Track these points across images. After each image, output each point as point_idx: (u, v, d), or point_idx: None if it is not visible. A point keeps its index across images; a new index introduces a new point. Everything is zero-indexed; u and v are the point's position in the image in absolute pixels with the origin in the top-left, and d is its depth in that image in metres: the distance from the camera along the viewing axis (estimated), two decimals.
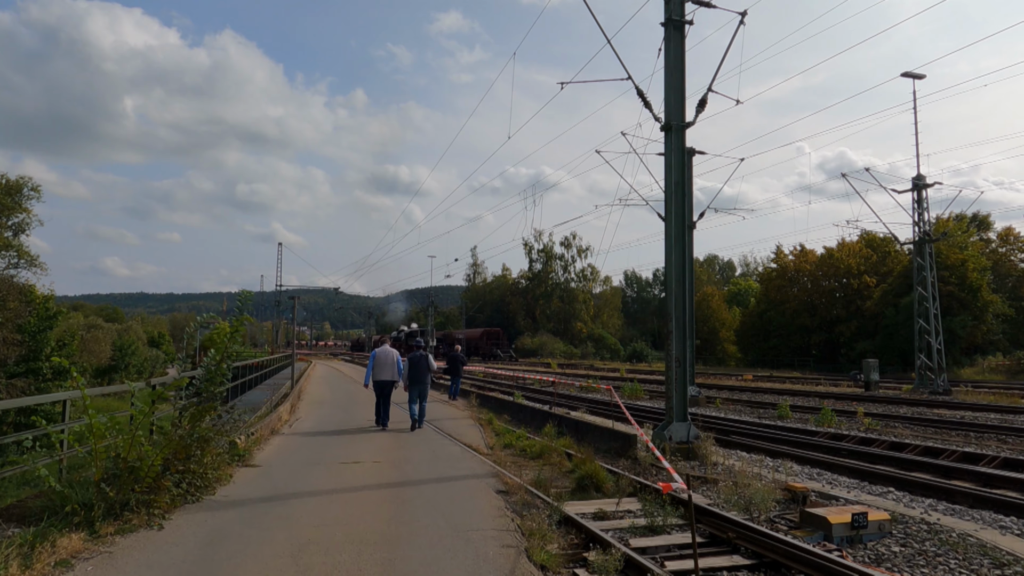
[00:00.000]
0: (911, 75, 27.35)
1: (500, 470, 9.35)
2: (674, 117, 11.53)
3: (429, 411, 14.43)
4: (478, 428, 14.22)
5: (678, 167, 11.51)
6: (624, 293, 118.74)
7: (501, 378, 31.98)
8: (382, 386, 13.52)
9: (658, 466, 10.24)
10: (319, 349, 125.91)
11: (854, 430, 14.90)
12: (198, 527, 6.12)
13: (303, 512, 6.75)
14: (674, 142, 11.52)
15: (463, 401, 20.25)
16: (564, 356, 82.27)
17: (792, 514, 7.65)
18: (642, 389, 24.50)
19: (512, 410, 17.16)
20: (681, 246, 11.52)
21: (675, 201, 11.47)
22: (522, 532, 6.23)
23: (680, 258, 11.48)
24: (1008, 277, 57.54)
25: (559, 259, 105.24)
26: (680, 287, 11.45)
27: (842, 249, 61.73)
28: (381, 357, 13.56)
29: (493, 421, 14.98)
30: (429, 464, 9.74)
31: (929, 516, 7.42)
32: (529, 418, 15.91)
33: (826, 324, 59.76)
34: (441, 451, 10.95)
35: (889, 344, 53.20)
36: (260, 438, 11.11)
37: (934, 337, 26.25)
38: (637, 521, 7.20)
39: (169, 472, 6.75)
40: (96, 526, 5.63)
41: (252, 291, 9.62)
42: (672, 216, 11.48)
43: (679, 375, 11.27)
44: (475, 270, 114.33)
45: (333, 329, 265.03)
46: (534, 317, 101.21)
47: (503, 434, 13.49)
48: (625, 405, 19.31)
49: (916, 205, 26.77)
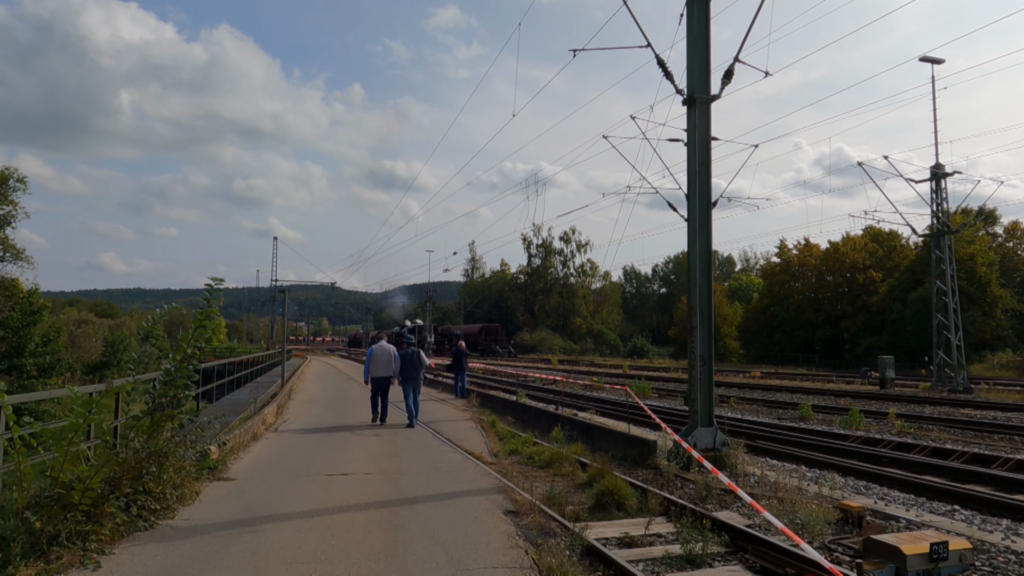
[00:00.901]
0: (929, 59, 26.24)
1: (507, 484, 8.25)
2: (698, 89, 10.39)
3: (427, 413, 14.52)
4: (480, 431, 13.12)
5: (703, 145, 10.38)
6: (623, 289, 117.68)
7: (502, 375, 30.88)
8: (380, 382, 13.60)
9: (683, 478, 9.16)
10: (316, 345, 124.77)
11: (885, 433, 13.83)
12: (143, 566, 5.00)
13: (276, 543, 5.63)
14: (698, 117, 10.39)
15: (463, 401, 19.16)
16: (563, 352, 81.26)
17: (850, 539, 6.55)
18: (650, 387, 23.40)
19: (516, 411, 16.06)
20: (706, 232, 10.40)
21: (699, 182, 10.34)
22: (539, 569, 5.13)
23: (705, 245, 10.37)
24: (1016, 272, 56.52)
25: (558, 254, 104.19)
26: (705, 277, 10.34)
27: (847, 243, 60.67)
28: (378, 353, 13.65)
29: (496, 424, 13.89)
30: (427, 476, 8.64)
31: (1014, 543, 6.33)
32: (534, 420, 14.82)
33: (831, 319, 58.71)
34: (440, 459, 9.85)
35: (897, 340, 52.19)
36: (238, 445, 9.99)
37: (953, 333, 25.18)
38: (671, 548, 6.10)
39: (114, 495, 5.63)
40: (9, 569, 4.51)
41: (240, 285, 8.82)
42: (696, 199, 10.35)
43: (704, 375, 10.16)
44: (473, 265, 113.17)
45: (331, 325, 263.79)
46: (533, 313, 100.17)
47: (507, 438, 12.41)
48: (623, 403, 18.40)
49: (934, 195, 25.68)
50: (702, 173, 10.37)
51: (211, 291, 7.16)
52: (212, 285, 7.28)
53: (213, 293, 7.26)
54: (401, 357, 13.71)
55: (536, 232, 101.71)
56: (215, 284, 7.33)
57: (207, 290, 7.26)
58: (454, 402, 19.04)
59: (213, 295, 7.23)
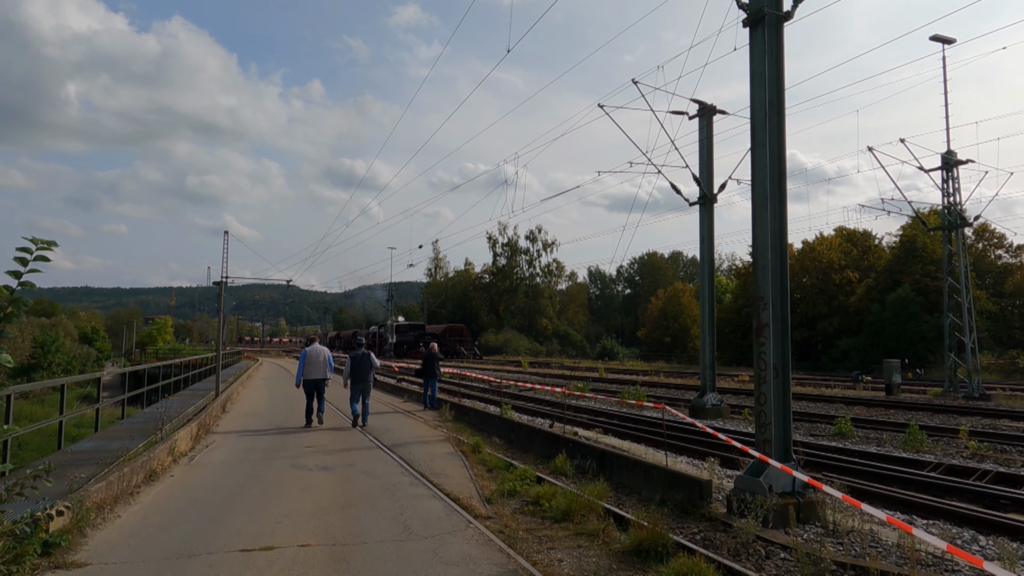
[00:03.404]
0: (940, 39, 24.26)
1: (520, 562, 5.39)
2: (768, 2, 7.69)
3: (393, 431, 12.74)
4: (460, 460, 10.21)
5: (773, 79, 7.67)
6: (588, 290, 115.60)
7: (474, 381, 27.86)
8: (313, 384, 13.46)
9: (767, 540, 6.41)
10: (272, 346, 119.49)
11: (955, 456, 11.36)
12: None
13: None
14: (768, 40, 7.67)
15: (434, 414, 16.18)
16: (530, 353, 78.62)
17: None
18: (644, 394, 20.70)
19: (501, 429, 13.15)
20: (779, 198, 7.67)
21: (770, 127, 7.62)
22: None
23: (777, 217, 7.64)
24: (987, 274, 55.97)
25: (524, 253, 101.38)
26: (777, 259, 7.60)
27: (822, 243, 59.45)
28: (312, 355, 13.50)
29: (480, 447, 10.98)
30: (395, 548, 5.70)
31: None
32: (526, 441, 11.96)
33: (807, 321, 57.28)
34: (414, 512, 6.91)
35: (875, 342, 50.86)
36: (113, 497, 6.87)
37: (967, 334, 23.18)
38: None
39: None
40: None
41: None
42: (766, 151, 7.62)
43: (779, 391, 7.42)
44: (436, 264, 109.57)
45: (289, 325, 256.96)
46: (498, 313, 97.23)
47: (498, 469, 9.54)
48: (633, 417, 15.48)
49: (946, 184, 23.67)
50: (773, 116, 7.64)
51: (40, 246, 4.07)
52: (32, 248, 4.20)
53: (31, 260, 4.17)
54: (351, 359, 13.58)
55: (502, 231, 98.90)
56: (38, 247, 4.24)
57: (23, 251, 4.17)
58: (423, 415, 16.06)
59: (29, 265, 4.14)
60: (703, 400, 17.32)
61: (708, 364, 17.64)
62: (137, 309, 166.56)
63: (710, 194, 17.58)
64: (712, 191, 17.63)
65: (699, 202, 17.76)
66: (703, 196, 17.59)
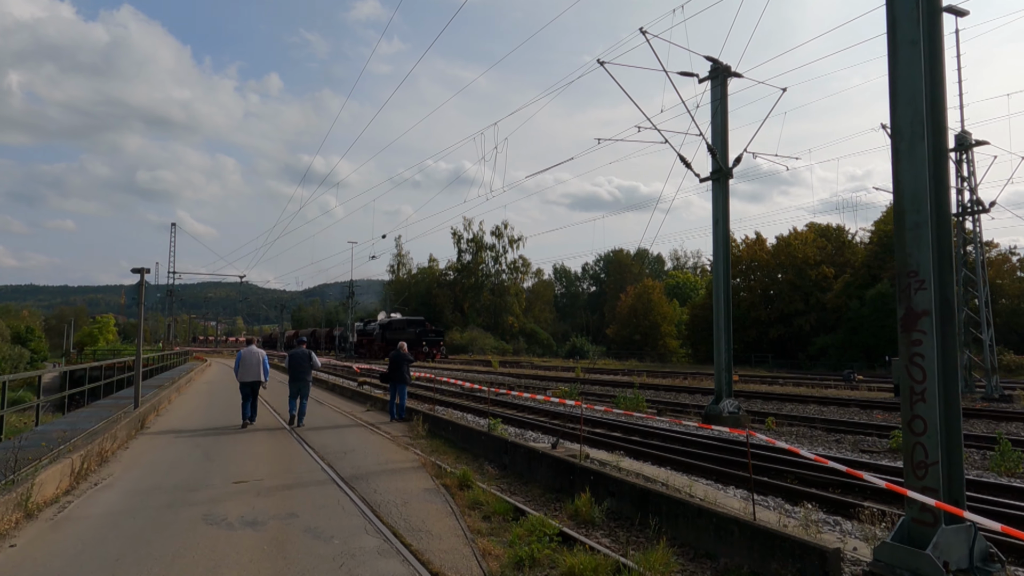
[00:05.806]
0: (953, 10, 22.40)
1: None
2: None
3: (353, 455, 10.30)
4: (444, 500, 7.52)
5: None
6: (554, 288, 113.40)
7: (445, 384, 25.02)
8: (249, 387, 13.33)
9: None
10: (227, 346, 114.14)
11: None
12: None
13: None
14: None
15: (403, 427, 13.42)
16: (496, 352, 76.02)
17: None
18: (643, 399, 18.16)
19: (491, 451, 10.42)
20: (940, 118, 5.16)
21: (925, 26, 5.10)
22: None
23: (941, 152, 5.12)
24: None
25: (490, 249, 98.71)
26: (937, 217, 5.08)
27: (796, 238, 58.25)
28: (246, 358, 13.35)
29: (470, 480, 8.28)
30: None
31: None
32: (524, 467, 9.27)
33: (783, 317, 55.97)
34: None
35: (853, 339, 49.69)
36: None
37: (984, 331, 21.34)
38: None
39: None
40: None
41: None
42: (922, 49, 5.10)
43: (944, 414, 4.90)
44: (399, 260, 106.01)
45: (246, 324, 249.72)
46: (463, 311, 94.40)
47: (497, 516, 6.86)
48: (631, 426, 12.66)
49: (960, 168, 21.80)
50: None
51: None
52: None
53: None
54: (290, 357, 13.52)
55: (467, 225, 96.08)
56: None
57: None
58: (390, 428, 13.29)
59: None
60: (719, 407, 14.88)
61: (724, 365, 15.18)
62: (83, 308, 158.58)
63: (725, 168, 15.14)
64: (727, 164, 15.19)
65: (712, 177, 15.30)
66: (717, 169, 15.15)
